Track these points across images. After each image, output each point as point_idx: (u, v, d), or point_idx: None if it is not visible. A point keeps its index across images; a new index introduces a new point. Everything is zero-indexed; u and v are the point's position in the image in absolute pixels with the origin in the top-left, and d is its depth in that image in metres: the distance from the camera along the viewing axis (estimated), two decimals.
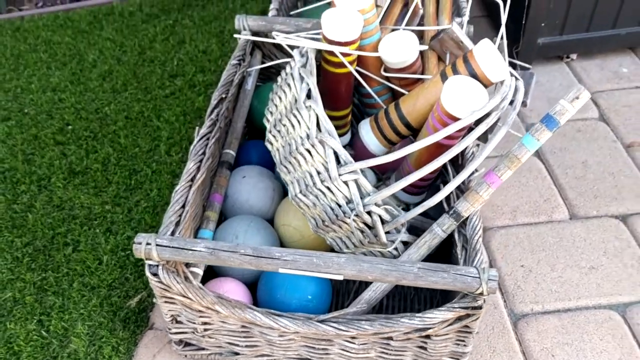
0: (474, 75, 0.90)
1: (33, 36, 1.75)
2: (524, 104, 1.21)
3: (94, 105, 1.50)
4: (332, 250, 1.00)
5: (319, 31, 1.03)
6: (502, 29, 1.06)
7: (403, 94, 1.05)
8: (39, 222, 1.21)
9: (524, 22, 1.48)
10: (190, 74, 1.59)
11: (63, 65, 1.64)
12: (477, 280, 0.78)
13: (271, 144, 0.97)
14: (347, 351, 0.92)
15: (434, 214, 1.01)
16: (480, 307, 0.80)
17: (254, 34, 1.27)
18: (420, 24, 1.17)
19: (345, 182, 0.86)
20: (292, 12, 1.40)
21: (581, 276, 1.11)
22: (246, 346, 0.95)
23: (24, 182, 1.30)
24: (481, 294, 0.78)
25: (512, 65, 1.17)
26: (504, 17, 1.04)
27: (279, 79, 0.99)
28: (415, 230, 0.99)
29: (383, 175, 1.10)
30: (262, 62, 1.30)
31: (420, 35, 1.10)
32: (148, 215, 1.22)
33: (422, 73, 1.05)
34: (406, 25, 1.14)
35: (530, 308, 1.07)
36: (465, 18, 1.19)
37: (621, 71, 1.57)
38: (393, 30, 1.08)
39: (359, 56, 1.02)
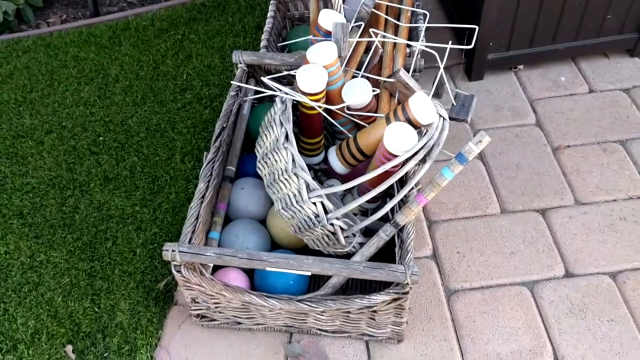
0: (409, 120, 1.21)
1: (62, 52, 2.05)
2: (464, 121, 1.52)
3: (119, 118, 1.82)
4: (307, 247, 1.34)
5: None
6: (441, 71, 1.36)
7: (363, 126, 1.36)
8: (84, 222, 1.55)
9: (471, 45, 1.76)
10: (198, 87, 1.89)
11: (90, 81, 1.95)
12: (404, 275, 1.11)
13: (261, 170, 1.29)
14: (319, 321, 1.26)
15: (386, 217, 1.33)
16: (407, 293, 1.14)
17: (248, 65, 1.57)
18: (380, 57, 1.47)
19: (314, 203, 1.19)
20: (279, 44, 1.70)
21: (503, 260, 1.44)
22: (246, 318, 1.30)
23: (69, 187, 1.64)
24: (407, 284, 1.12)
25: (456, 95, 1.46)
26: (441, 64, 1.34)
27: (265, 118, 1.31)
28: (371, 230, 1.32)
29: None
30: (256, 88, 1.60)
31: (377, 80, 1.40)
32: (169, 215, 1.55)
33: (377, 109, 1.36)
34: (369, 60, 1.45)
35: (461, 285, 1.40)
36: (419, 48, 1.48)
37: (560, 80, 1.86)
38: (354, 76, 1.39)
39: (327, 97, 1.33)
